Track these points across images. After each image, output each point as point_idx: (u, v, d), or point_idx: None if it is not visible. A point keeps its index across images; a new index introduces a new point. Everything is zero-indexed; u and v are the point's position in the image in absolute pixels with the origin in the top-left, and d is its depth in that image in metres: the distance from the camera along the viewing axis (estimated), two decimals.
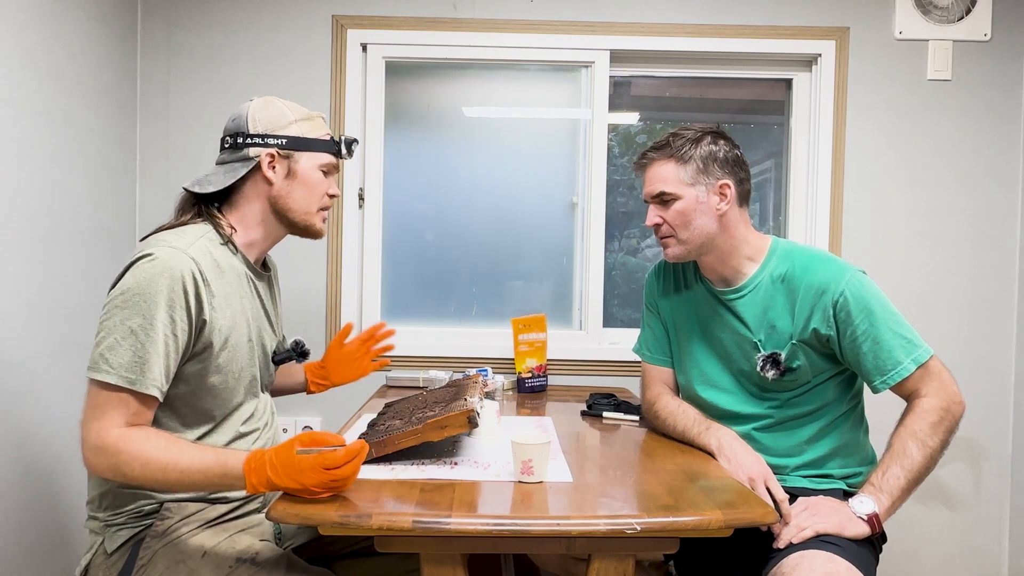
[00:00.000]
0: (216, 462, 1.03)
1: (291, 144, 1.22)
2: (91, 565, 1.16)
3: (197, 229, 1.17)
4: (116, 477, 1.04)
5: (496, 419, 1.40)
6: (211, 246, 1.16)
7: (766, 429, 1.37)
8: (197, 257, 1.10)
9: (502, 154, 2.30)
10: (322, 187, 1.27)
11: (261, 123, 1.22)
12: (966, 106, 2.19)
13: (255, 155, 1.21)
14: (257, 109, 1.23)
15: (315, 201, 1.26)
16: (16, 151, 1.60)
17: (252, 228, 1.25)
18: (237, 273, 1.21)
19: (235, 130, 1.23)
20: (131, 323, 1.04)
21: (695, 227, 1.34)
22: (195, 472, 1.02)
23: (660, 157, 1.36)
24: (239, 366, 1.20)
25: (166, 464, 1.02)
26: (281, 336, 1.40)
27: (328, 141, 1.27)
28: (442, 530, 0.93)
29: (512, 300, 2.32)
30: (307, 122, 1.25)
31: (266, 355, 1.31)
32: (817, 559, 1.10)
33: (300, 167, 1.24)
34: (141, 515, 1.15)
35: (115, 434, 1.03)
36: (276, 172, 1.22)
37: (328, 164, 1.27)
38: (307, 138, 1.24)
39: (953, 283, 2.20)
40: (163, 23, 2.17)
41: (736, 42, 2.18)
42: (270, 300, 1.34)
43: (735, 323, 1.38)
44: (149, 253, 1.07)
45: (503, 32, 2.18)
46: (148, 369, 1.04)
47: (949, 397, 1.24)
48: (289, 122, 1.23)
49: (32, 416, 1.67)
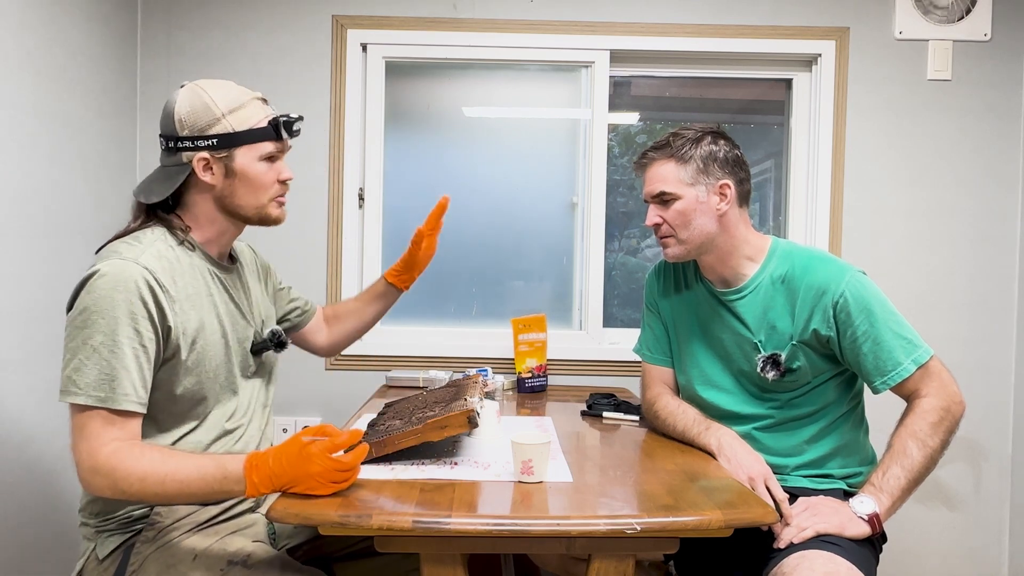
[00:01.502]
0: (215, 466, 1.01)
1: (223, 142, 1.13)
2: (84, 570, 1.15)
3: (151, 234, 1.14)
4: (116, 495, 1.03)
5: (496, 419, 1.40)
6: (166, 248, 1.13)
7: (766, 429, 1.36)
8: (150, 264, 1.07)
9: (502, 154, 2.30)
10: (268, 177, 1.18)
11: (188, 123, 1.13)
12: (966, 106, 2.19)
13: (188, 160, 1.14)
14: (182, 107, 1.13)
15: (263, 194, 1.19)
16: (16, 151, 1.60)
17: (205, 227, 1.21)
18: (199, 271, 1.18)
19: (166, 131, 1.16)
20: (92, 341, 1.02)
21: (695, 227, 1.34)
22: (194, 480, 1.01)
23: (660, 157, 1.36)
24: (213, 365, 1.17)
25: (164, 476, 1.01)
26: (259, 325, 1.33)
27: (264, 128, 1.16)
28: (442, 530, 0.93)
29: (512, 300, 2.32)
30: (239, 111, 1.15)
31: (243, 347, 1.27)
32: (818, 559, 1.10)
33: (238, 164, 1.15)
34: (130, 520, 1.14)
35: (105, 453, 1.01)
36: (214, 174, 1.15)
37: (270, 152, 1.18)
38: (238, 132, 1.14)
39: (953, 283, 2.20)
40: (163, 23, 2.17)
41: (736, 42, 2.18)
42: (241, 292, 1.30)
43: (735, 324, 1.38)
44: (98, 269, 1.05)
45: (503, 32, 2.18)
46: (118, 384, 1.02)
47: (949, 397, 1.24)
48: (216, 117, 1.13)
49: (32, 416, 1.67)
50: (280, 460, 0.99)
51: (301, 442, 1.00)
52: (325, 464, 0.98)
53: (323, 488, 0.99)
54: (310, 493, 0.99)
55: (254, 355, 1.30)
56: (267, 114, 1.18)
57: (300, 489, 0.99)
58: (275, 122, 1.17)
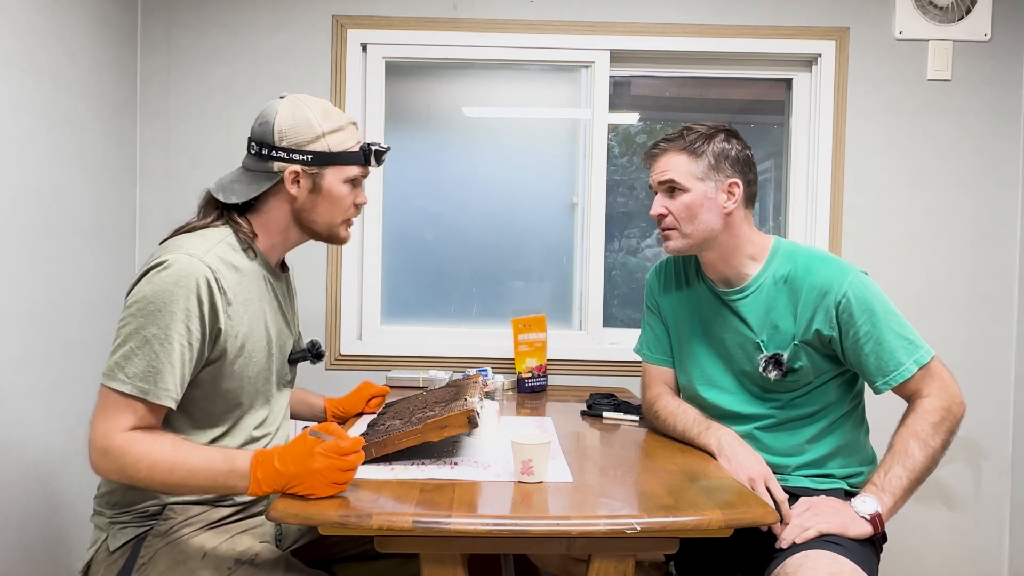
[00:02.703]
0: (223, 459, 1.03)
1: (317, 160, 1.18)
2: (94, 561, 1.16)
3: (217, 233, 1.16)
4: (122, 479, 1.04)
5: (496, 419, 1.40)
6: (230, 251, 1.15)
7: (768, 429, 1.36)
8: (214, 264, 1.09)
9: (502, 154, 2.30)
10: (348, 200, 1.23)
11: (288, 135, 1.16)
12: (966, 106, 2.19)
13: (279, 170, 1.17)
14: (285, 118, 1.17)
15: (339, 214, 1.23)
16: (16, 151, 1.60)
17: (274, 235, 1.23)
18: (256, 277, 1.20)
19: (260, 138, 1.18)
20: (146, 332, 1.04)
21: (700, 222, 1.34)
22: (201, 471, 1.02)
23: (672, 148, 1.36)
24: (255, 371, 1.20)
25: (172, 464, 1.02)
26: (297, 335, 1.39)
27: (356, 153, 1.22)
28: (442, 530, 0.93)
29: (512, 300, 2.32)
30: (338, 133, 1.19)
31: (283, 355, 1.30)
32: (821, 559, 1.10)
33: (326, 182, 1.19)
34: (146, 515, 1.15)
35: (120, 437, 1.02)
36: (300, 187, 1.19)
37: (355, 175, 1.23)
38: (334, 152, 1.19)
39: (953, 283, 2.20)
40: (163, 23, 2.17)
41: (736, 42, 2.18)
42: (287, 300, 1.33)
43: (737, 323, 1.38)
44: (164, 260, 1.07)
45: (503, 32, 2.18)
46: (161, 379, 1.04)
47: (950, 398, 1.24)
48: (317, 135, 1.17)
49: (32, 416, 1.67)
50: (284, 458, 1.00)
51: (306, 440, 1.01)
52: (327, 462, 0.99)
53: (323, 488, 0.99)
54: (310, 494, 0.99)
55: (291, 364, 1.33)
56: (359, 139, 1.24)
57: (301, 490, 0.99)
58: (367, 149, 1.23)
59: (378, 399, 1.61)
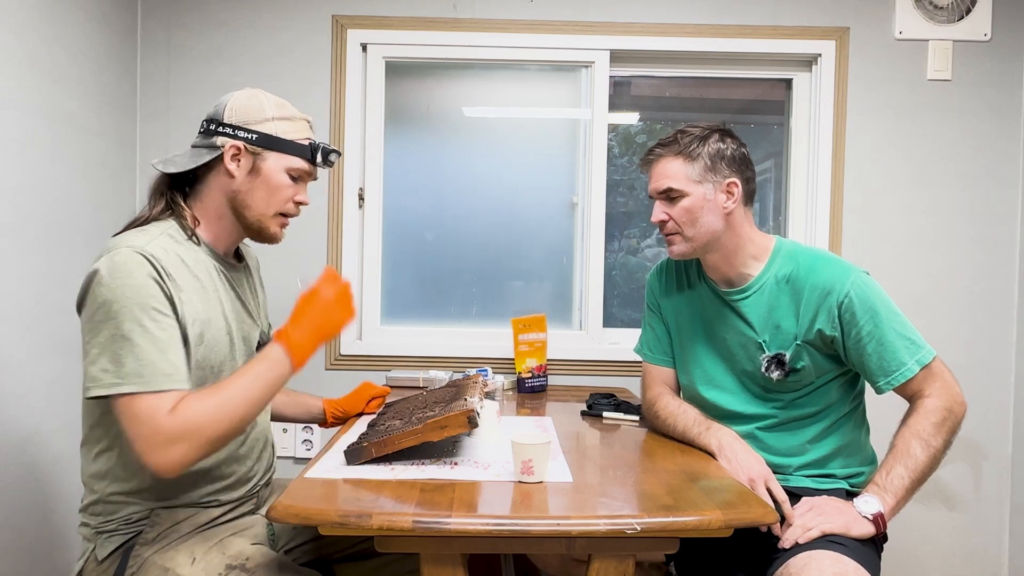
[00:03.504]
0: (258, 362, 1.10)
1: (260, 140, 1.17)
2: (83, 572, 1.15)
3: (158, 227, 1.15)
4: (205, 448, 1.03)
5: (496, 419, 1.39)
6: (171, 242, 1.13)
7: (769, 429, 1.36)
8: (156, 253, 1.08)
9: (502, 154, 2.30)
10: (286, 192, 1.21)
11: (237, 113, 1.18)
12: (966, 106, 2.18)
13: (221, 144, 1.17)
14: (238, 99, 1.19)
15: (275, 204, 1.21)
16: (16, 151, 1.60)
17: (212, 222, 1.22)
18: (205, 267, 1.18)
19: (211, 116, 1.20)
20: (122, 331, 1.02)
21: (701, 225, 1.34)
22: (248, 386, 1.07)
23: (668, 153, 1.36)
24: (218, 360, 1.17)
25: (224, 401, 1.05)
26: (266, 326, 1.38)
27: (303, 145, 1.21)
28: (442, 530, 0.93)
29: (512, 300, 2.32)
30: (287, 122, 1.20)
31: (248, 346, 1.28)
32: (825, 559, 1.09)
33: (266, 165, 1.19)
34: (131, 522, 1.14)
35: (168, 421, 1.00)
36: (239, 166, 1.18)
37: (298, 169, 1.21)
38: (279, 137, 1.19)
39: (953, 283, 2.20)
40: (163, 23, 2.17)
41: (736, 42, 2.18)
42: (248, 291, 1.31)
43: (739, 323, 1.38)
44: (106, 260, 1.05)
45: (503, 32, 2.18)
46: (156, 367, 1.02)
47: (952, 398, 1.24)
48: (266, 118, 1.18)
49: (32, 416, 1.67)
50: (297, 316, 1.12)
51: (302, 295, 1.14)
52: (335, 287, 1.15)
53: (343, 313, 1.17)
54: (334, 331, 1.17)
55: None
56: (310, 136, 1.25)
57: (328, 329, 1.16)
58: (315, 146, 1.23)
59: (378, 400, 1.61)
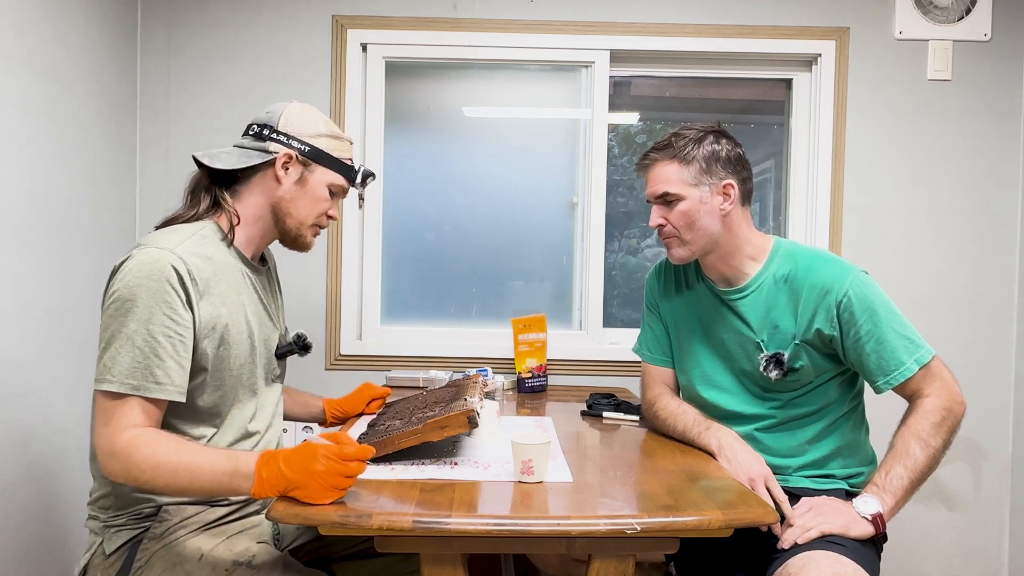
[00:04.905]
0: (227, 460, 1.02)
1: (312, 154, 1.23)
2: (90, 565, 1.15)
3: (191, 227, 1.17)
4: (128, 481, 1.03)
5: (496, 419, 1.40)
6: (203, 243, 1.15)
7: (768, 429, 1.36)
8: (184, 255, 1.09)
9: (502, 154, 2.30)
10: (324, 205, 1.27)
11: (292, 124, 1.23)
12: (966, 106, 2.19)
13: (275, 151, 1.21)
14: (294, 111, 1.25)
15: (313, 215, 1.27)
16: (16, 151, 1.60)
17: (249, 223, 1.24)
18: (232, 269, 1.20)
19: (264, 121, 1.24)
20: (127, 330, 1.04)
21: (699, 228, 1.34)
22: (205, 472, 1.01)
23: (663, 158, 1.36)
24: (238, 363, 1.19)
25: (176, 465, 1.01)
26: (283, 329, 1.39)
27: (348, 165, 1.29)
28: (442, 530, 0.93)
29: (512, 300, 2.32)
30: (335, 140, 1.27)
31: (268, 349, 1.30)
32: (824, 560, 1.09)
33: (313, 178, 1.24)
34: (141, 517, 1.15)
35: (125, 438, 1.02)
36: (288, 174, 1.23)
37: (338, 186, 1.28)
38: (328, 154, 1.25)
39: (953, 283, 2.20)
40: (163, 23, 2.17)
41: (736, 42, 2.18)
42: (269, 294, 1.33)
43: (738, 323, 1.38)
44: (130, 256, 1.08)
45: (503, 32, 2.18)
46: (151, 373, 1.04)
47: (951, 397, 1.24)
48: (319, 133, 1.25)
49: (32, 416, 1.67)
50: (289, 459, 0.99)
51: (310, 444, 1.01)
52: (329, 465, 0.97)
53: (323, 493, 0.97)
54: (310, 501, 0.98)
55: (278, 358, 1.33)
56: (351, 157, 1.32)
57: (302, 494, 0.98)
58: (358, 168, 1.31)
59: (378, 401, 1.61)
